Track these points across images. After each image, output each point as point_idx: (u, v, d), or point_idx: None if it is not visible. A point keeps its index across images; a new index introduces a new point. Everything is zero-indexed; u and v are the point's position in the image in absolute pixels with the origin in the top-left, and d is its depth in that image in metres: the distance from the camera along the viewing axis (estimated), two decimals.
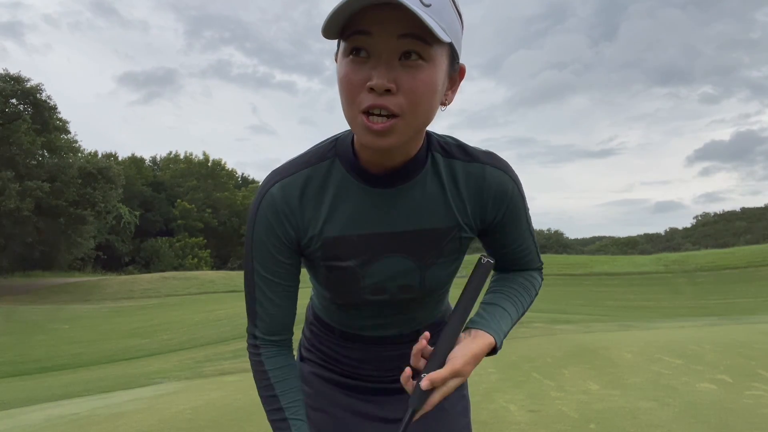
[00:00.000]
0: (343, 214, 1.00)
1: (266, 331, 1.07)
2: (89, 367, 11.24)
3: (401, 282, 1.05)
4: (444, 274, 1.07)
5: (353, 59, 0.85)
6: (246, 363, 7.41)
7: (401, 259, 1.03)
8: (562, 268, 33.53)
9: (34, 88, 31.74)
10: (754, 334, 7.66)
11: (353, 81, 0.85)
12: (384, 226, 1.01)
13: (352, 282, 1.04)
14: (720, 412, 3.81)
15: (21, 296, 28.56)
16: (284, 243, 1.01)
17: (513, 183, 1.04)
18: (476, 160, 1.02)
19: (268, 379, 1.06)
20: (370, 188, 0.99)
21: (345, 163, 1.00)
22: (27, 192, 29.55)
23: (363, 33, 0.82)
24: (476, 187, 1.01)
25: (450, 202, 1.01)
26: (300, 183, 1.00)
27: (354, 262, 1.02)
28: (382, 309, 1.10)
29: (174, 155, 61.75)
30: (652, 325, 10.85)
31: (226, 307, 22.64)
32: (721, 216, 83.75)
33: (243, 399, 5.16)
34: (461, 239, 1.04)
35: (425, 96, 0.85)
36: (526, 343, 8.00)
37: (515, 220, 1.06)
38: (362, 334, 1.15)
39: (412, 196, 1.00)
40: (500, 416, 3.94)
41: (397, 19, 0.80)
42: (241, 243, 41.16)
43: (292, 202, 1.00)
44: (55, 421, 4.80)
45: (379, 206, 1.00)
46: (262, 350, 1.08)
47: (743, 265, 28.94)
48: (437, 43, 0.83)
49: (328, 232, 1.01)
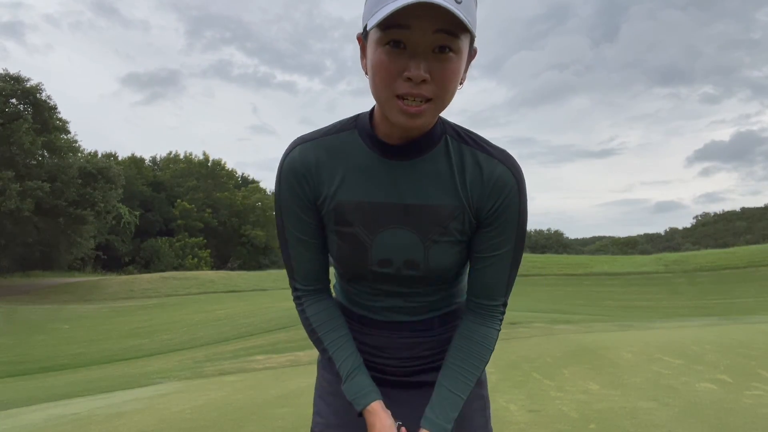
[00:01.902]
0: (356, 181, 1.07)
1: (304, 282, 1.18)
2: (89, 367, 11.24)
3: (406, 256, 1.09)
4: (447, 255, 1.10)
5: (391, 50, 0.92)
6: (246, 363, 7.44)
7: (407, 233, 1.08)
8: (562, 268, 33.54)
9: (34, 87, 31.75)
10: (754, 334, 7.66)
11: (391, 69, 0.92)
12: (393, 197, 1.07)
13: (360, 251, 1.10)
14: (720, 412, 3.81)
15: (21, 296, 28.56)
16: (305, 203, 1.10)
17: (515, 182, 1.07)
18: (486, 152, 1.07)
19: (311, 324, 1.18)
20: (386, 159, 1.06)
21: (363, 136, 1.08)
22: (27, 192, 29.54)
23: (403, 27, 0.89)
24: (480, 175, 1.06)
25: (456, 183, 1.06)
26: (318, 148, 1.08)
27: (362, 228, 1.09)
28: (391, 288, 1.14)
29: (174, 155, 61.78)
30: (652, 325, 10.85)
31: (226, 307, 22.63)
32: (721, 216, 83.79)
33: (243, 399, 5.16)
34: (464, 221, 1.08)
35: (453, 83, 0.95)
36: (526, 343, 8.00)
37: (505, 221, 1.08)
38: (377, 319, 1.20)
39: (423, 170, 1.06)
40: (500, 416, 3.94)
41: (434, 15, 0.88)
42: (241, 243, 41.14)
43: (310, 163, 1.08)
44: (55, 420, 4.80)
45: (391, 177, 1.06)
46: (303, 300, 1.19)
47: (743, 265, 28.94)
48: (465, 37, 0.93)
49: (341, 196, 1.08)
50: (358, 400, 1.11)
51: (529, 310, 17.75)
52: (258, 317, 17.56)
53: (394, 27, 0.89)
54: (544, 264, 35.10)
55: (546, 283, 29.76)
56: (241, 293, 29.09)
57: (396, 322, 1.19)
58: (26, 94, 31.57)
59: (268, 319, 16.46)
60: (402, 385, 1.23)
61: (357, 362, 1.15)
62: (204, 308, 22.67)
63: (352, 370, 1.14)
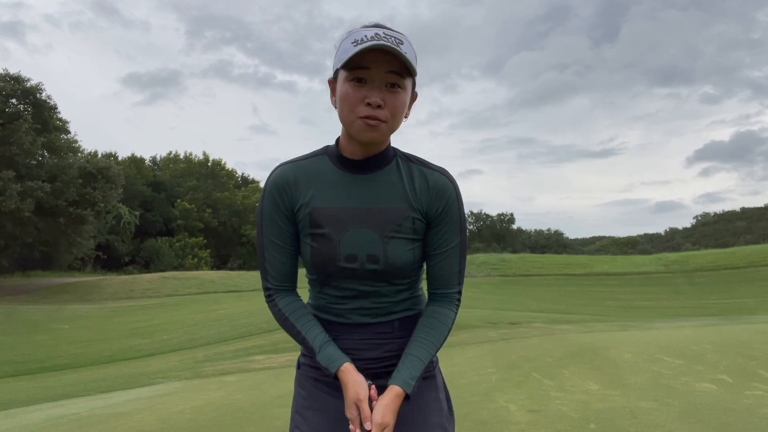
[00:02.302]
0: (326, 192, 1.34)
1: (276, 282, 1.38)
2: (89, 367, 11.24)
3: (368, 251, 1.31)
4: (402, 250, 1.33)
5: (355, 84, 1.23)
6: (245, 363, 7.43)
7: (368, 231, 1.32)
8: (562, 268, 33.53)
9: (34, 87, 31.72)
10: (754, 334, 7.66)
11: (355, 98, 1.24)
12: (356, 202, 1.32)
13: (330, 249, 1.32)
14: (720, 412, 3.81)
15: (21, 296, 28.56)
16: (283, 212, 1.35)
17: (453, 188, 1.36)
18: (428, 167, 1.38)
19: (283, 313, 1.37)
20: (350, 174, 1.34)
21: (332, 157, 1.37)
22: (27, 192, 29.52)
23: (364, 68, 1.22)
24: (425, 184, 1.35)
25: (407, 191, 1.34)
26: (296, 168, 1.37)
27: (331, 229, 1.32)
28: (358, 285, 1.34)
29: (174, 155, 61.76)
30: (652, 325, 10.85)
31: (226, 307, 22.62)
32: (721, 216, 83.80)
33: (243, 399, 5.16)
34: (414, 220, 1.33)
35: (400, 111, 1.27)
36: (526, 343, 8.00)
37: (450, 220, 1.35)
38: (346, 323, 1.38)
39: (379, 181, 1.34)
40: (500, 416, 3.94)
41: (387, 60, 1.21)
42: (241, 243, 41.12)
43: (289, 180, 1.35)
44: (55, 421, 4.80)
45: (354, 187, 1.33)
46: (275, 296, 1.39)
47: (743, 265, 28.94)
48: (409, 76, 1.26)
49: (314, 203, 1.33)
50: (331, 365, 1.29)
51: (529, 310, 17.75)
52: (258, 317, 17.56)
53: (358, 68, 1.22)
54: (544, 264, 35.11)
55: (546, 283, 29.76)
56: (241, 293, 29.08)
57: (362, 324, 1.37)
58: (26, 94, 31.54)
59: (268, 319, 16.45)
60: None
61: (326, 338, 1.33)
62: (204, 308, 22.66)
63: (322, 343, 1.32)
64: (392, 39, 1.20)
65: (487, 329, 10.52)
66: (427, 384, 1.40)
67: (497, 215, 76.34)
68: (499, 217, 76.25)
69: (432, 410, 1.39)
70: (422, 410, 1.37)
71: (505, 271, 33.35)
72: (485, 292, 26.91)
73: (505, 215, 76.32)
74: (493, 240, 69.37)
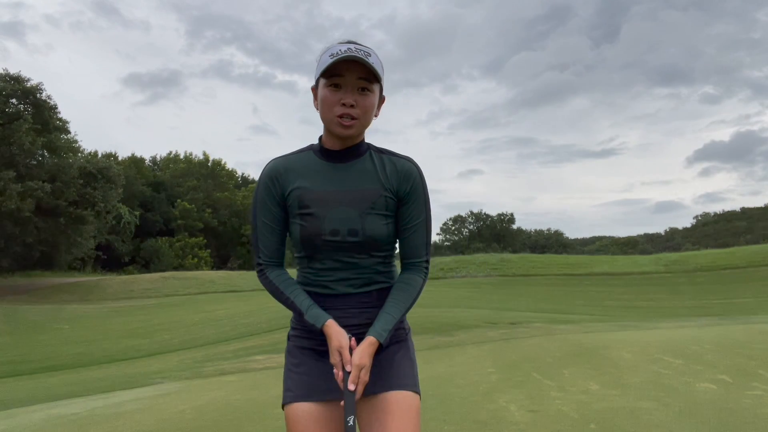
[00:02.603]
0: (312, 178, 1.62)
1: (266, 257, 1.65)
2: (89, 367, 11.24)
3: (349, 225, 1.57)
4: (377, 225, 1.59)
5: (333, 89, 1.55)
6: (245, 363, 7.42)
7: (347, 209, 1.58)
8: (562, 268, 33.52)
9: (34, 87, 31.72)
10: (754, 334, 7.66)
11: (333, 100, 1.55)
12: (337, 185, 1.60)
13: (316, 226, 1.57)
14: (720, 412, 3.81)
15: (21, 296, 28.57)
16: (275, 198, 1.63)
17: (417, 172, 1.65)
18: (396, 156, 1.66)
19: (273, 283, 1.63)
20: (331, 163, 1.63)
21: (316, 151, 1.66)
22: (27, 192, 29.50)
23: (339, 75, 1.53)
24: (394, 169, 1.63)
25: (378, 175, 1.62)
26: (286, 161, 1.65)
27: (316, 209, 1.58)
28: (341, 256, 1.59)
29: (174, 155, 61.76)
30: (652, 325, 10.85)
31: (226, 307, 22.62)
32: (721, 216, 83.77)
33: (243, 399, 5.16)
34: (386, 198, 1.60)
35: (369, 110, 1.58)
36: (526, 343, 8.00)
37: (416, 199, 1.63)
38: (331, 293, 1.61)
39: (356, 168, 1.62)
40: (500, 416, 3.94)
41: (357, 69, 1.52)
42: (240, 243, 41.14)
43: (280, 170, 1.63)
44: (55, 421, 4.80)
45: (335, 174, 1.62)
46: (266, 270, 1.65)
47: (743, 265, 28.94)
48: (376, 82, 1.56)
49: (302, 187, 1.60)
50: (317, 321, 1.55)
51: (529, 310, 17.74)
52: (258, 317, 17.56)
53: (334, 75, 1.53)
54: (544, 264, 35.10)
55: (546, 283, 29.75)
56: (241, 293, 29.08)
57: (346, 294, 1.61)
58: (26, 94, 31.54)
59: (268, 319, 16.46)
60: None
61: (311, 302, 1.59)
62: (204, 308, 22.66)
63: (309, 305, 1.58)
64: (362, 52, 1.52)
65: (487, 329, 10.52)
66: (399, 347, 1.67)
67: (497, 215, 76.40)
68: (499, 217, 76.28)
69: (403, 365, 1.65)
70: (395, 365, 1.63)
71: (505, 271, 33.35)
72: (485, 292, 26.90)
73: (505, 215, 76.36)
74: (493, 240, 69.38)
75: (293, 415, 1.58)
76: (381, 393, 1.58)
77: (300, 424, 1.57)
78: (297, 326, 1.69)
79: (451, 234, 76.77)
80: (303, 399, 1.59)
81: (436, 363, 6.44)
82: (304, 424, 1.57)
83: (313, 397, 1.59)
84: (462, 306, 17.80)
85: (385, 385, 1.58)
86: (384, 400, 1.57)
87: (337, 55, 1.50)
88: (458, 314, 13.78)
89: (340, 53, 1.50)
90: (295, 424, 1.58)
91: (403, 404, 1.56)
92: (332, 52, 1.52)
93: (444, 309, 14.96)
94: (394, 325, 1.56)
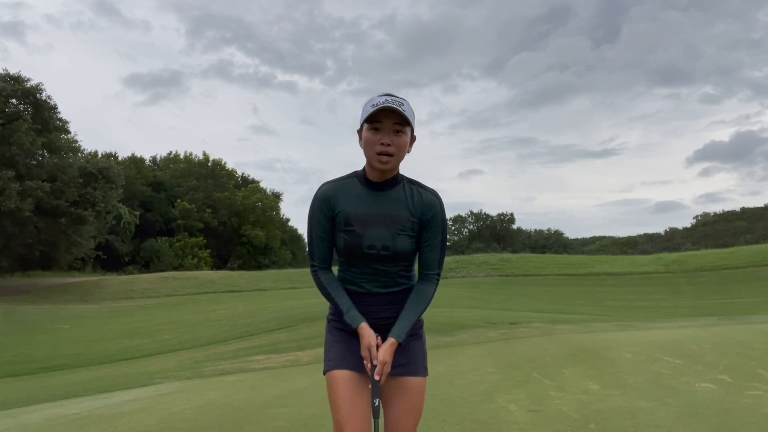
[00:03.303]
0: (356, 202, 2.02)
1: (320, 262, 2.07)
2: (89, 367, 11.25)
3: (383, 242, 1.98)
4: (405, 243, 2.00)
5: (373, 131, 1.94)
6: (245, 363, 7.42)
7: (382, 229, 1.99)
8: (562, 268, 33.53)
9: (34, 87, 31.71)
10: (753, 334, 7.66)
11: (374, 140, 1.94)
12: (375, 209, 2.01)
13: (357, 241, 1.99)
14: (720, 412, 3.81)
15: (21, 296, 28.57)
16: (326, 215, 2.03)
17: (439, 205, 2.05)
18: (423, 188, 2.07)
19: (323, 283, 2.06)
20: (371, 191, 2.03)
21: (360, 179, 2.06)
22: (27, 192, 29.49)
23: (378, 121, 1.93)
24: (420, 200, 2.04)
25: (408, 204, 2.02)
26: (335, 185, 2.06)
27: (358, 227, 1.99)
28: (374, 264, 2.01)
29: (174, 155, 61.74)
30: (652, 325, 10.85)
31: (226, 307, 22.63)
32: (721, 216, 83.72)
33: (243, 399, 5.16)
34: (412, 222, 2.01)
35: (403, 148, 1.97)
36: (526, 343, 8.00)
37: (434, 227, 2.04)
38: (365, 292, 2.05)
39: (391, 197, 2.03)
40: (500, 416, 3.94)
41: (393, 116, 1.92)
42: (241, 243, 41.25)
43: (331, 194, 2.03)
44: (55, 421, 4.80)
45: (375, 200, 2.02)
46: (318, 271, 2.07)
47: (743, 265, 28.94)
48: (408, 126, 1.95)
49: (348, 209, 2.01)
50: (353, 322, 1.98)
51: (529, 310, 17.74)
52: (258, 317, 17.56)
53: (375, 121, 1.93)
54: (544, 264, 35.11)
55: (546, 283, 29.76)
56: (241, 293, 29.09)
57: (376, 293, 2.05)
58: (26, 94, 31.54)
59: (268, 319, 16.46)
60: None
61: (350, 304, 2.02)
62: (204, 308, 22.67)
63: (349, 307, 2.01)
64: (397, 102, 1.91)
65: (487, 329, 10.53)
66: (415, 339, 2.10)
67: (497, 215, 76.32)
68: (499, 217, 76.23)
69: (417, 356, 2.09)
70: (412, 355, 2.08)
71: (505, 271, 33.36)
72: (485, 292, 26.91)
73: (505, 215, 76.32)
74: (493, 240, 69.36)
75: (334, 378, 1.99)
76: (400, 377, 2.04)
77: (338, 385, 1.98)
78: (333, 313, 2.12)
79: (451, 234, 76.69)
80: (341, 367, 2.00)
81: (436, 363, 6.44)
82: (341, 385, 1.97)
83: (349, 366, 2.00)
84: (462, 306, 17.79)
85: (403, 371, 2.03)
86: (403, 382, 2.05)
87: (377, 106, 1.90)
88: (458, 314, 13.78)
89: (380, 104, 1.90)
90: (335, 385, 1.98)
91: (416, 386, 2.06)
92: (373, 103, 1.92)
93: (444, 309, 14.96)
94: (410, 327, 1.99)
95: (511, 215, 76.81)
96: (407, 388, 2.04)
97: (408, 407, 2.03)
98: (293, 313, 16.83)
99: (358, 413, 1.94)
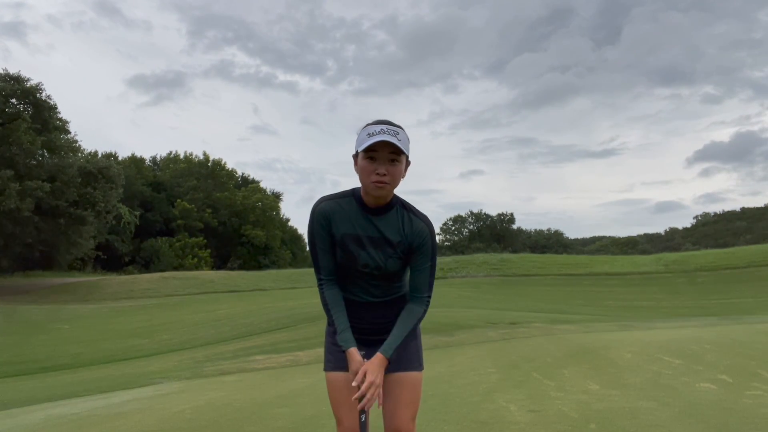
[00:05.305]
0: (352, 224, 2.11)
1: (326, 274, 2.16)
2: (89, 367, 11.24)
3: (376, 263, 2.10)
4: (395, 264, 2.11)
5: (369, 160, 1.98)
6: (245, 363, 7.43)
7: (375, 251, 2.10)
8: (562, 268, 33.52)
9: (33, 87, 31.69)
10: (754, 334, 7.66)
11: (370, 169, 1.98)
12: (369, 232, 2.11)
13: (352, 259, 2.11)
14: (720, 412, 3.81)
15: (21, 296, 28.56)
16: (326, 231, 2.12)
17: (429, 233, 2.12)
18: (416, 214, 2.14)
19: (326, 300, 2.15)
20: (368, 214, 2.11)
21: (356, 201, 2.12)
22: (27, 192, 29.47)
23: (374, 151, 1.97)
24: (411, 228, 2.11)
25: (401, 228, 2.11)
26: (333, 203, 2.13)
27: (354, 248, 2.11)
28: (368, 279, 2.14)
29: (174, 155, 61.73)
30: (652, 325, 10.85)
31: (226, 307, 22.62)
32: (721, 216, 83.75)
33: (243, 399, 5.16)
34: (403, 248, 2.11)
35: (398, 176, 2.03)
36: (526, 343, 8.00)
37: (425, 251, 2.11)
38: (360, 300, 2.17)
39: (385, 220, 2.11)
40: (500, 416, 3.94)
41: (388, 147, 1.97)
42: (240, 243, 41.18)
43: (329, 212, 2.12)
44: (55, 421, 4.80)
45: (370, 223, 2.11)
46: (324, 285, 2.16)
47: (743, 265, 28.92)
48: (403, 155, 2.01)
49: (344, 231, 2.11)
50: (345, 345, 2.08)
51: (529, 310, 17.74)
52: (258, 317, 17.56)
53: (371, 151, 1.97)
54: (544, 264, 35.10)
55: (546, 283, 29.76)
56: (241, 293, 29.09)
57: (369, 302, 2.18)
58: (26, 93, 31.52)
59: (268, 319, 16.46)
60: (370, 342, 2.15)
61: (347, 324, 2.11)
62: (204, 308, 22.66)
63: (344, 328, 2.10)
64: (392, 131, 1.98)
65: (487, 329, 10.53)
66: (410, 340, 2.17)
67: (497, 215, 76.35)
68: (499, 217, 76.24)
69: (411, 351, 2.20)
70: (408, 351, 2.18)
71: (505, 271, 33.35)
72: (485, 292, 26.91)
73: (505, 215, 76.33)
74: (493, 240, 69.36)
75: (332, 379, 2.17)
76: (396, 373, 2.15)
77: (335, 386, 2.16)
78: (331, 323, 2.25)
79: (451, 234, 76.76)
80: (338, 369, 2.15)
81: (436, 363, 6.44)
82: (338, 386, 2.15)
83: (344, 369, 2.12)
84: (462, 306, 17.80)
85: (398, 367, 2.14)
86: (399, 377, 2.17)
87: (373, 135, 1.96)
88: (458, 314, 13.78)
89: (376, 133, 1.96)
90: (333, 386, 2.17)
91: (411, 381, 2.18)
92: (369, 132, 1.98)
93: (444, 309, 14.96)
94: (400, 343, 2.08)
95: (512, 215, 76.90)
96: (402, 382, 2.16)
97: (404, 400, 2.15)
98: (293, 313, 16.83)
99: (355, 409, 2.09)
